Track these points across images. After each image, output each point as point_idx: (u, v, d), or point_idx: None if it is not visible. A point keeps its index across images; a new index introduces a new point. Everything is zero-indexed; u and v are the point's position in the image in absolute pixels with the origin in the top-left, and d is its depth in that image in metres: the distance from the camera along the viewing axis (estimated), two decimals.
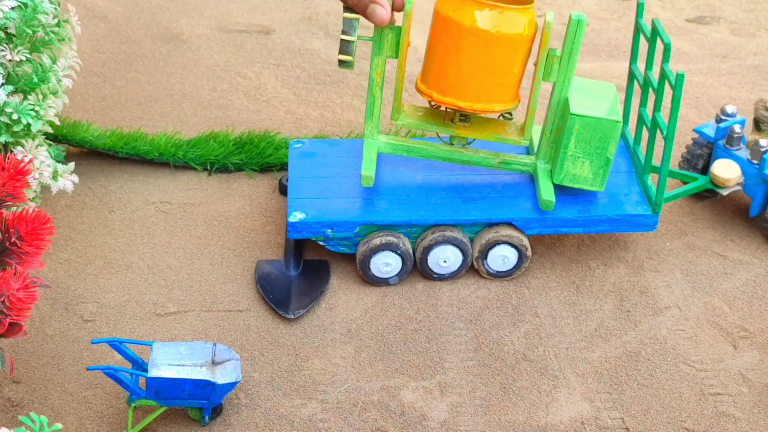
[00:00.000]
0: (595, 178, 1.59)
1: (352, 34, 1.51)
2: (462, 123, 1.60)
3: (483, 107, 1.53)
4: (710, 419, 1.41)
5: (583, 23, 1.49)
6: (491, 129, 1.61)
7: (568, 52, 1.52)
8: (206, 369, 1.34)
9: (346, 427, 1.39)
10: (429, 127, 1.60)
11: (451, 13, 1.47)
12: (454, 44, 1.48)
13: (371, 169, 1.57)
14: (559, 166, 1.58)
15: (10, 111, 1.52)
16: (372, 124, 1.61)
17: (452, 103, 1.53)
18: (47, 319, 1.54)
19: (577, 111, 1.54)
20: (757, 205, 1.71)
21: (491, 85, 1.51)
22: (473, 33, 1.46)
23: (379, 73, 1.56)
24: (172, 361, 1.35)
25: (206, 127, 1.98)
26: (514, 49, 1.49)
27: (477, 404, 1.43)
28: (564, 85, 1.55)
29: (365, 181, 1.56)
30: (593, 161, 1.57)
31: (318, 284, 1.61)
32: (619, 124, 1.54)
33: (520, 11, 1.47)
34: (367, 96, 1.58)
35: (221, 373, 1.34)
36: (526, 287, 1.63)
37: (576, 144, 1.55)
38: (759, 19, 2.46)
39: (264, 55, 2.24)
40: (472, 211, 1.60)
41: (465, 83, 1.51)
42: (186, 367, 1.34)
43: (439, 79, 1.53)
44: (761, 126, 1.77)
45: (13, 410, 1.39)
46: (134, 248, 1.68)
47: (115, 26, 2.33)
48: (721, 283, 1.65)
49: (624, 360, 1.50)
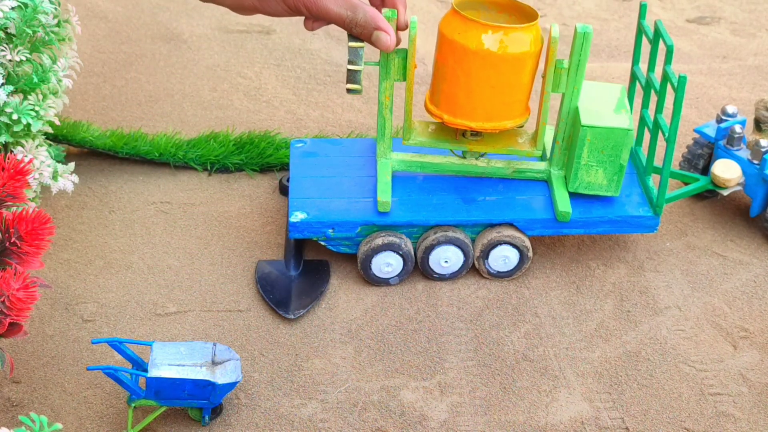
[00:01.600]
0: (610, 185, 1.60)
1: (358, 63, 1.52)
2: (474, 138, 1.61)
3: (495, 126, 1.54)
4: (710, 419, 1.41)
5: (590, 35, 1.50)
6: (503, 141, 1.62)
7: (576, 63, 1.52)
8: (206, 369, 1.34)
9: (346, 427, 1.39)
10: (441, 144, 1.62)
11: (456, 36, 1.47)
12: (462, 67, 1.49)
13: (387, 193, 1.57)
14: (574, 175, 1.59)
15: (10, 111, 1.51)
16: (384, 144, 1.63)
17: (464, 124, 1.55)
18: (47, 319, 1.54)
19: (588, 122, 1.54)
20: (757, 206, 1.71)
21: (501, 104, 1.52)
22: (480, 56, 1.47)
23: (387, 96, 1.57)
24: (172, 361, 1.34)
25: (206, 127, 1.98)
26: (522, 66, 1.49)
27: (477, 404, 1.43)
28: (573, 95, 1.56)
29: (382, 207, 1.56)
30: (607, 168, 1.58)
31: (318, 284, 1.61)
32: (631, 131, 1.55)
33: (525, 30, 1.47)
34: (377, 118, 1.59)
35: (221, 373, 1.34)
36: (526, 287, 1.63)
37: (589, 153, 1.56)
38: (759, 20, 2.46)
39: (264, 55, 2.24)
40: (474, 212, 1.60)
41: (475, 104, 1.52)
42: (186, 367, 1.34)
43: (449, 102, 1.53)
44: (762, 126, 1.77)
45: (13, 410, 1.39)
46: (134, 248, 1.68)
47: (115, 26, 2.33)
48: (721, 283, 1.65)
49: (624, 360, 1.50)
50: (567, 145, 1.62)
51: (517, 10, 1.55)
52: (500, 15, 1.56)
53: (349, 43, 1.51)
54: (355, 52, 1.52)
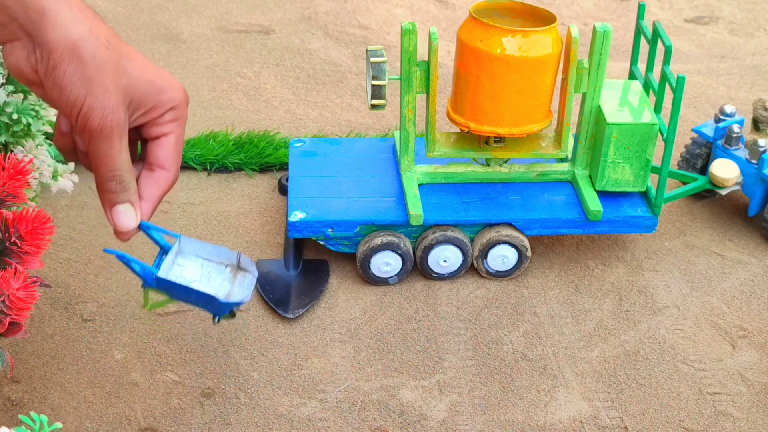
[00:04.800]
0: (637, 180, 1.61)
1: (382, 78, 1.52)
2: (497, 144, 1.61)
3: (521, 130, 1.55)
4: (709, 418, 1.41)
5: (609, 34, 1.50)
6: (527, 146, 1.62)
7: (597, 62, 1.53)
8: (230, 271, 1.29)
9: (346, 426, 1.39)
10: (465, 153, 1.62)
11: (479, 44, 1.48)
12: (486, 74, 1.49)
13: (418, 206, 1.57)
14: (600, 173, 1.60)
15: (10, 111, 1.52)
16: (408, 158, 1.63)
17: (491, 131, 1.55)
18: (47, 318, 1.54)
19: (614, 120, 1.55)
20: (755, 205, 1.71)
21: (527, 108, 1.53)
22: (504, 61, 1.47)
23: (410, 109, 1.57)
24: (199, 253, 1.29)
25: (206, 127, 1.98)
26: (546, 69, 1.50)
27: (476, 403, 1.43)
28: (595, 95, 1.57)
29: (414, 220, 1.56)
30: (633, 164, 1.59)
31: (317, 284, 1.61)
32: (656, 126, 1.56)
33: (545, 32, 1.48)
34: (400, 132, 1.59)
35: (240, 282, 1.29)
36: (525, 287, 1.63)
37: (615, 151, 1.57)
38: (758, 19, 2.46)
39: (263, 55, 2.24)
40: (473, 212, 1.60)
41: (501, 110, 1.53)
42: (212, 262, 1.29)
43: (475, 110, 1.54)
44: (760, 126, 1.77)
45: (13, 409, 1.39)
46: (134, 248, 1.68)
47: (115, 26, 2.33)
48: (719, 282, 1.65)
49: (623, 359, 1.50)
50: (590, 144, 1.62)
51: (532, 14, 1.56)
52: (515, 20, 1.57)
53: (372, 59, 1.51)
54: (379, 68, 1.52)
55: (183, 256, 1.28)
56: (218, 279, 1.29)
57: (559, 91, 1.68)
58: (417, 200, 1.59)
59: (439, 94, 2.07)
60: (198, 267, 1.28)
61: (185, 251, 1.29)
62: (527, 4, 1.56)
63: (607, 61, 1.54)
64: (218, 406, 1.41)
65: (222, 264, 1.30)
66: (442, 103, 2.06)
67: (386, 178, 1.68)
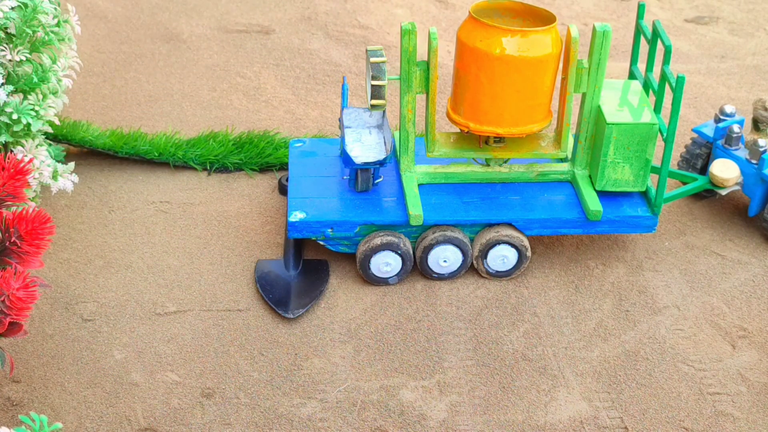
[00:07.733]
0: (637, 180, 1.61)
1: (382, 78, 1.52)
2: (497, 144, 1.61)
3: (521, 130, 1.55)
4: (709, 418, 1.41)
5: (609, 34, 1.50)
6: (527, 146, 1.62)
7: (596, 62, 1.53)
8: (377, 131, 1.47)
9: (346, 426, 1.39)
10: (465, 153, 1.62)
11: (478, 44, 1.48)
12: (486, 74, 1.49)
13: (417, 206, 1.57)
14: (600, 173, 1.60)
15: (10, 111, 1.52)
16: (408, 158, 1.63)
17: (491, 131, 1.55)
18: (47, 318, 1.54)
19: (614, 120, 1.55)
20: (755, 205, 1.71)
21: (526, 107, 1.53)
22: (504, 61, 1.47)
23: (410, 109, 1.57)
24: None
25: (206, 127, 1.98)
26: (545, 69, 1.50)
27: (476, 403, 1.43)
28: (595, 95, 1.57)
29: (414, 220, 1.55)
30: (633, 164, 1.59)
31: (317, 284, 1.61)
32: (656, 126, 1.55)
33: (545, 32, 1.48)
34: (400, 132, 1.59)
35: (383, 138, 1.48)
36: (525, 287, 1.63)
37: (615, 151, 1.57)
38: (757, 20, 2.46)
39: (263, 55, 2.24)
40: (473, 212, 1.60)
41: (501, 110, 1.53)
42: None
43: (474, 109, 1.54)
44: (760, 126, 1.77)
45: (13, 409, 1.39)
46: (134, 248, 1.68)
47: (115, 26, 2.33)
48: (719, 282, 1.65)
49: (623, 359, 1.50)
50: (590, 144, 1.62)
51: (532, 14, 1.56)
52: (515, 20, 1.57)
53: (371, 59, 1.52)
54: (378, 68, 1.52)
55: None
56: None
57: (558, 91, 1.68)
58: (417, 200, 1.59)
59: (438, 94, 2.07)
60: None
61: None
62: (527, 4, 1.56)
63: (606, 61, 1.54)
64: (218, 406, 1.41)
65: (369, 127, 1.51)
66: (442, 103, 2.06)
67: (386, 178, 1.68)
